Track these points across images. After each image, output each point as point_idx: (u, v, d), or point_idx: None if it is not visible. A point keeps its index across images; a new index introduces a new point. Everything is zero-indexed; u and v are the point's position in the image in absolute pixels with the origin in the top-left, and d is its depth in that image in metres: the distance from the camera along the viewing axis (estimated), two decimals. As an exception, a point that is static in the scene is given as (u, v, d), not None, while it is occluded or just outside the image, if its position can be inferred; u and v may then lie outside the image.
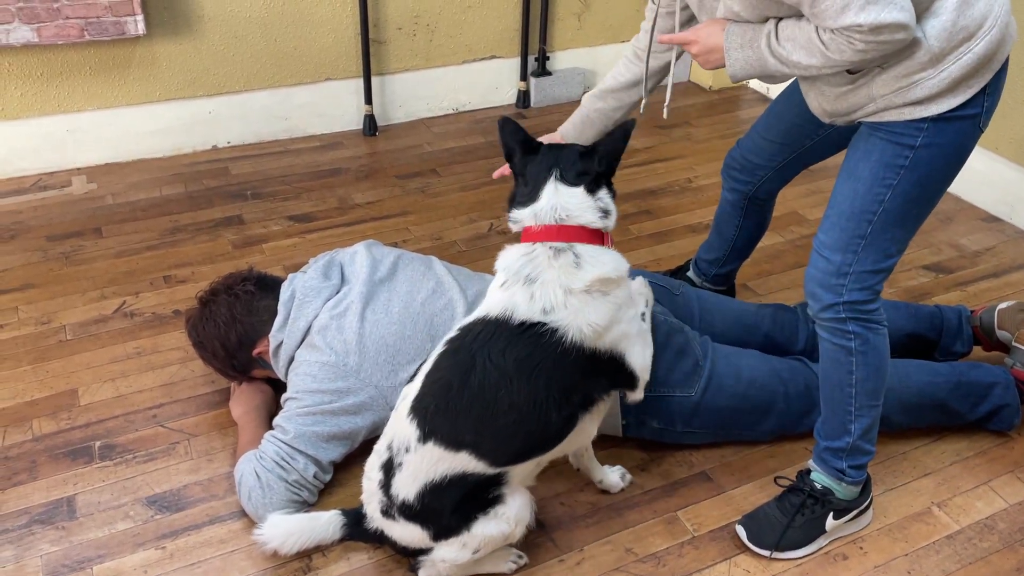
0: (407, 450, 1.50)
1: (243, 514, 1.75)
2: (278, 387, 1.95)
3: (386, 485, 1.54)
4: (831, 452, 1.68)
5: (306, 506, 1.75)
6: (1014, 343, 2.00)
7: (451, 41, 3.38)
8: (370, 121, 3.30)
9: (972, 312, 2.11)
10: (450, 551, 1.54)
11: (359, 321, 1.81)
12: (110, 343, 2.22)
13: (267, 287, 1.93)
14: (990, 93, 1.46)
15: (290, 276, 1.95)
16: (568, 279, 1.47)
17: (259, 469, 1.71)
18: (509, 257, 1.56)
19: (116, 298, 2.38)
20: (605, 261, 1.50)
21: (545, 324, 1.46)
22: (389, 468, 1.53)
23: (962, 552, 1.71)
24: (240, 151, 3.16)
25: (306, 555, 1.68)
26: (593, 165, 1.52)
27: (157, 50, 2.94)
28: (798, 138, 1.90)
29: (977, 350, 2.14)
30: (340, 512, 1.66)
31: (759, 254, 2.53)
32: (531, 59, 3.53)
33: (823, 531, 1.70)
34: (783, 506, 1.71)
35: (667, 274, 2.37)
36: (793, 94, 1.85)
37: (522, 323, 1.47)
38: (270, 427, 1.82)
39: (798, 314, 2.08)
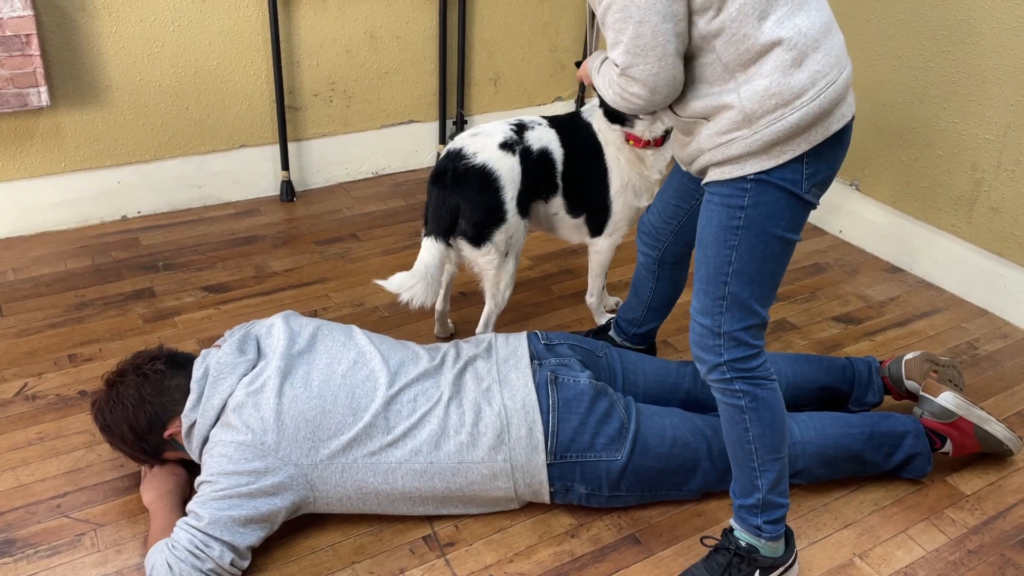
0: None
1: (155, 608, 1.66)
2: (192, 468, 1.87)
3: None
4: (746, 510, 1.70)
5: (223, 596, 1.67)
6: (922, 392, 2.08)
7: (369, 107, 3.39)
8: (287, 187, 3.27)
9: (881, 363, 2.19)
10: None
11: (277, 397, 1.76)
12: (10, 429, 2.09)
13: (178, 365, 1.87)
14: (810, 163, 1.51)
15: (203, 352, 1.88)
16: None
17: (171, 559, 1.62)
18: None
19: (17, 380, 2.26)
20: None
21: None
22: None
23: (885, 603, 1.74)
24: (151, 221, 3.08)
25: (223, 649, 1.59)
26: None
27: (62, 121, 2.86)
28: (687, 198, 1.99)
29: (888, 400, 2.22)
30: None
31: (678, 310, 2.58)
32: (449, 123, 3.57)
33: (751, 590, 1.70)
34: (711, 566, 1.71)
35: (589, 334, 2.39)
36: None
37: None
38: (184, 513, 1.73)
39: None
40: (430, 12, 3.36)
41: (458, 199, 2.09)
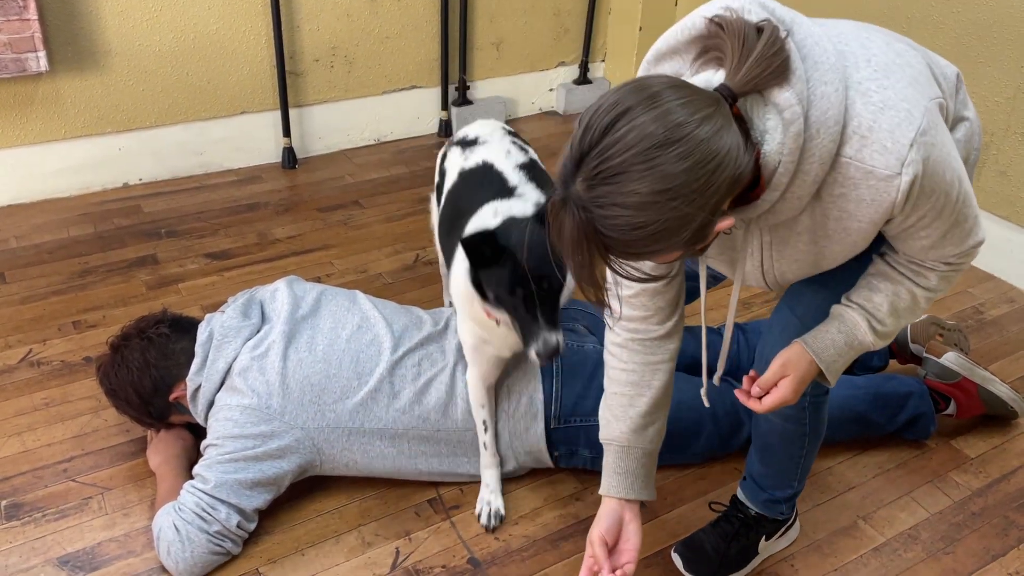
0: None
1: (163, 570, 1.67)
2: (198, 433, 1.87)
3: None
4: (772, 500, 1.68)
5: (229, 556, 1.68)
6: (925, 354, 2.07)
7: (370, 72, 3.36)
8: (289, 154, 3.24)
9: (886, 327, 2.18)
10: None
11: (282, 361, 1.76)
12: (15, 395, 2.10)
13: (183, 329, 1.86)
14: None
15: (207, 316, 1.88)
16: None
17: (178, 521, 1.63)
18: None
19: (21, 347, 2.26)
20: None
21: None
22: None
23: (888, 564, 1.75)
24: (153, 188, 3.06)
25: (231, 609, 1.61)
26: None
27: (61, 86, 2.84)
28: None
29: (893, 363, 2.21)
30: None
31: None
32: (451, 88, 3.54)
33: (756, 553, 1.71)
34: (718, 532, 1.71)
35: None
36: None
37: None
38: (190, 476, 1.74)
39: (722, 336, 2.11)
40: (432, -25, 3.32)
41: None
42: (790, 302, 1.45)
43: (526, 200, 1.72)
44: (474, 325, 1.71)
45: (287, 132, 3.21)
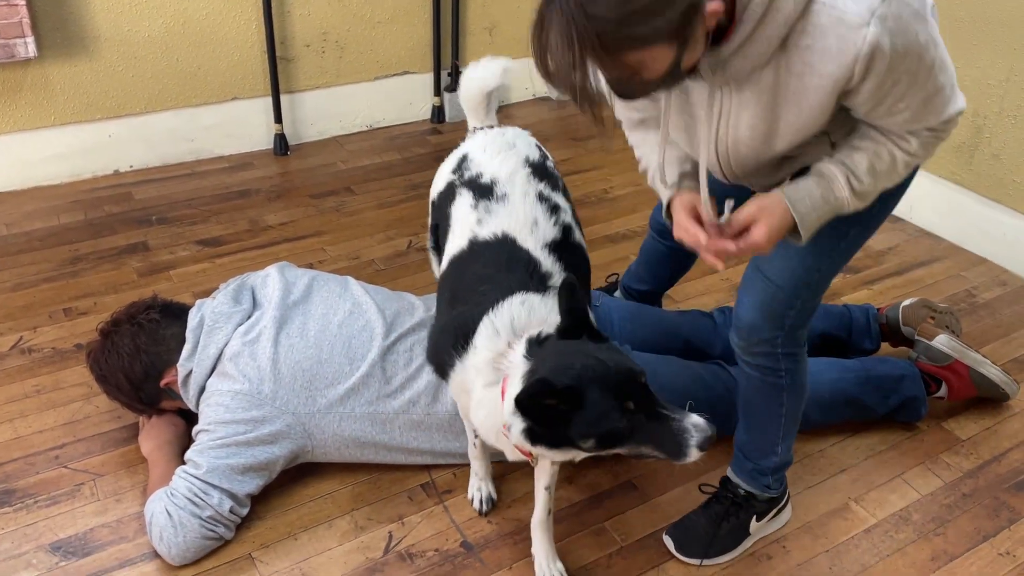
0: None
1: (155, 555, 1.67)
2: (190, 419, 1.87)
3: None
4: (758, 471, 1.69)
5: (222, 541, 1.68)
6: (918, 337, 2.08)
7: (362, 57, 3.34)
8: (281, 140, 3.23)
9: (878, 310, 2.19)
10: None
11: (273, 346, 1.76)
12: (6, 382, 2.09)
13: (173, 315, 1.86)
14: None
15: (198, 302, 1.88)
16: None
17: (170, 507, 1.63)
18: None
19: (12, 334, 2.25)
20: None
21: None
22: None
23: (880, 545, 1.76)
24: (144, 175, 3.05)
25: (224, 594, 1.61)
26: None
27: (50, 73, 2.81)
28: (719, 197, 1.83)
29: (886, 346, 2.21)
30: None
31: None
32: (444, 74, 3.52)
33: (748, 534, 1.71)
34: (709, 514, 1.72)
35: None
36: None
37: None
38: (183, 462, 1.74)
39: (715, 319, 2.11)
40: (423, -41, 3.30)
41: None
42: (760, 264, 1.49)
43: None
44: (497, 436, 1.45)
45: (278, 118, 3.20)
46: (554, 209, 1.61)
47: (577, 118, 3.62)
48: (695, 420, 1.29)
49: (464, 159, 1.73)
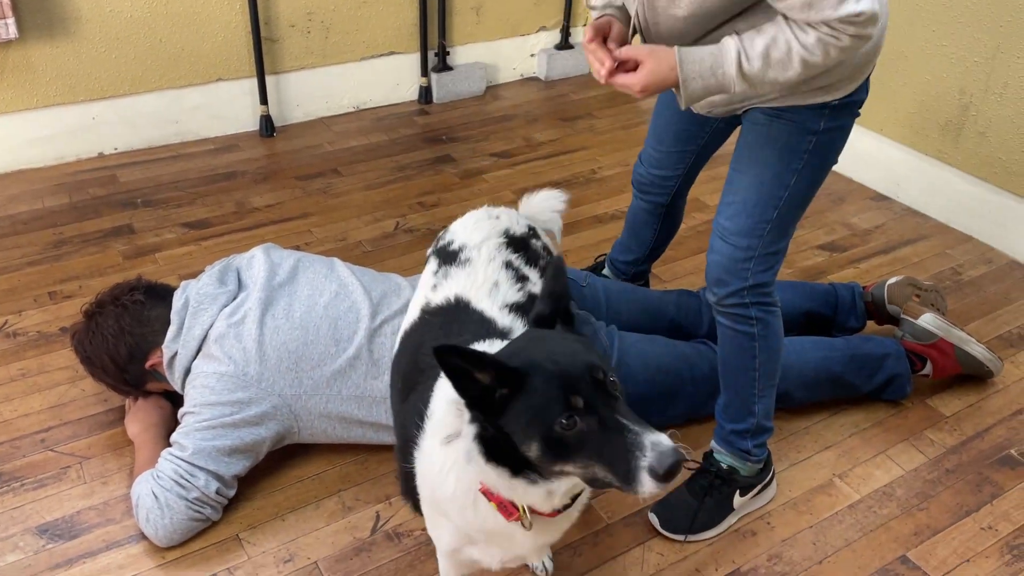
0: None
1: (143, 537, 1.67)
2: (176, 401, 1.87)
3: None
4: (736, 434, 1.71)
5: (209, 523, 1.69)
6: (903, 315, 2.09)
7: (348, 38, 3.31)
8: (267, 122, 3.20)
9: (864, 288, 2.19)
10: None
11: (258, 328, 1.75)
12: (-9, 366, 2.09)
13: (158, 296, 1.85)
14: (864, 83, 1.51)
15: (183, 283, 1.87)
16: None
17: (156, 489, 1.63)
18: None
19: (-3, 318, 2.24)
20: None
21: None
22: None
23: (863, 520, 1.77)
24: (128, 158, 3.02)
25: (212, 574, 1.61)
26: None
27: (32, 54, 2.78)
28: (692, 140, 1.89)
29: (871, 325, 2.23)
30: None
31: (662, 241, 2.56)
32: (431, 54, 3.50)
33: (731, 509, 1.73)
34: (692, 489, 1.73)
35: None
36: (670, 100, 1.85)
37: None
38: (169, 445, 1.74)
39: (701, 299, 2.12)
40: (409, -62, 3.26)
41: None
42: (717, 222, 1.60)
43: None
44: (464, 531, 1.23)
45: (264, 100, 3.17)
46: (521, 279, 1.46)
47: (566, 98, 3.61)
48: (655, 438, 1.00)
49: (444, 231, 1.61)
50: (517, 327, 1.33)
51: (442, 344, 1.01)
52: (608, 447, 1.02)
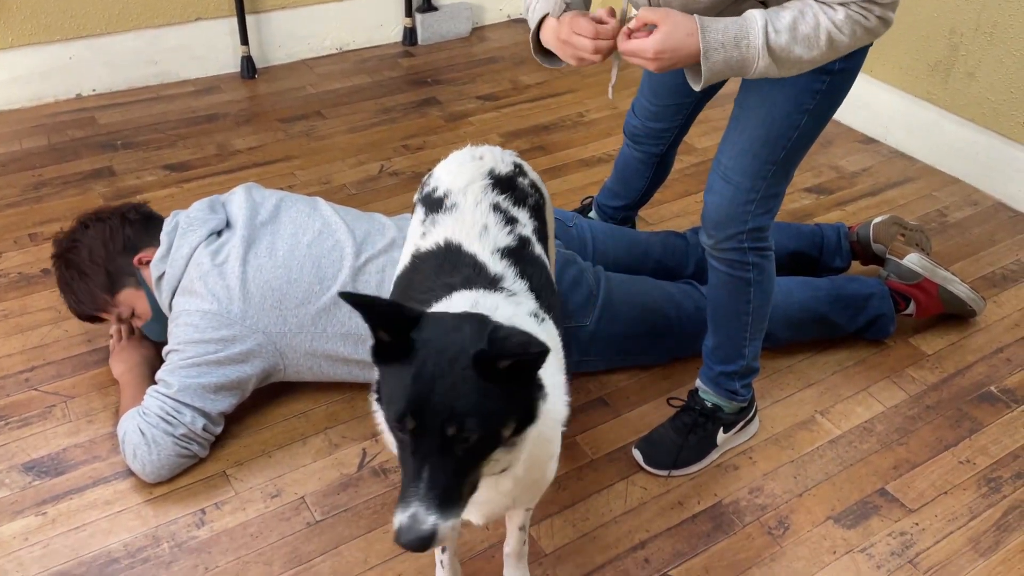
0: None
1: (129, 473, 1.68)
2: (160, 346, 1.86)
3: None
4: (725, 376, 1.72)
5: (196, 459, 1.69)
6: (888, 255, 2.09)
7: (330, -24, 3.24)
8: (248, 63, 3.14)
9: (849, 228, 2.19)
10: None
11: (241, 266, 1.74)
12: (-28, 307, 2.07)
13: (150, 217, 1.90)
14: None
15: (173, 212, 1.89)
16: None
17: (143, 425, 1.63)
18: None
19: (-23, 259, 2.22)
20: None
21: None
22: None
23: (844, 455, 1.80)
24: (107, 99, 2.96)
25: (199, 509, 1.63)
26: None
27: (4, -10, 2.71)
28: (689, 92, 1.84)
29: (856, 265, 2.23)
30: None
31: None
32: (415, -6, 3.43)
33: (715, 445, 1.75)
34: (676, 426, 1.75)
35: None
36: None
37: None
38: (154, 383, 1.74)
39: (687, 239, 2.11)
40: None
41: None
42: (718, 162, 1.54)
43: (519, 302, 1.24)
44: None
45: (244, 40, 3.11)
46: (510, 220, 1.41)
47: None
48: (414, 512, 0.99)
49: (428, 176, 1.55)
50: (509, 276, 1.30)
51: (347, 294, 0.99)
52: (404, 474, 1.03)
